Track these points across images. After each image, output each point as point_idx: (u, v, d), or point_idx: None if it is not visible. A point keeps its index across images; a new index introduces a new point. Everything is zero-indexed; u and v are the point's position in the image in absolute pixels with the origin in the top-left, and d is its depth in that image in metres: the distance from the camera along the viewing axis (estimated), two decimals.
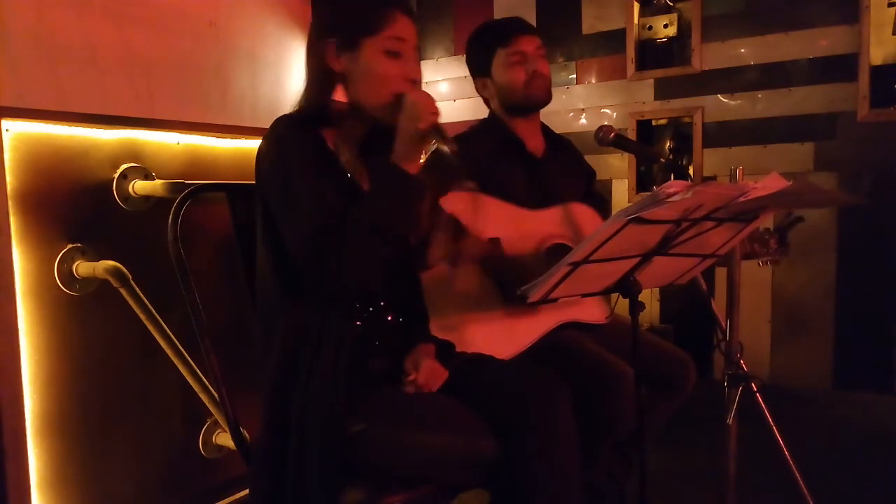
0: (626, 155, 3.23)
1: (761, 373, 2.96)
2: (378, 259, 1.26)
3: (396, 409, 1.28)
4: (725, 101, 3.06)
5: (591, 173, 2.05)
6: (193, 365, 1.81)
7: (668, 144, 3.29)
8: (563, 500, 1.25)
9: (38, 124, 1.65)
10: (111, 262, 1.72)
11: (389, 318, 1.38)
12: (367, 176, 1.36)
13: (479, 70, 1.88)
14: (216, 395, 1.69)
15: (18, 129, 1.62)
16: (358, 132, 1.39)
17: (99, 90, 1.80)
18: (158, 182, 1.83)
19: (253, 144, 2.18)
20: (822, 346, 2.90)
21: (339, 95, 1.39)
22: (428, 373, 1.34)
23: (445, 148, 1.23)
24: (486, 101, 1.93)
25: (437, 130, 1.24)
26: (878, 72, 2.74)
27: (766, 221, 1.64)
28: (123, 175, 1.81)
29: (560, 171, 1.89)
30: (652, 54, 3.26)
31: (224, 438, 2.01)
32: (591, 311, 1.76)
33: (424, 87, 1.39)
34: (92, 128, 1.76)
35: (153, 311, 1.76)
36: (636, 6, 3.25)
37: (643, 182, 3.31)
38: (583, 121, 3.40)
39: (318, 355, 1.24)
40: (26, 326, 1.64)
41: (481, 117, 1.95)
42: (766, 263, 1.74)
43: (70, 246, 1.71)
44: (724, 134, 3.07)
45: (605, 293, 1.36)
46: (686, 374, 1.74)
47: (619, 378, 1.53)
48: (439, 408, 1.30)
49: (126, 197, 1.81)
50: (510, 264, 1.65)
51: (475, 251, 1.58)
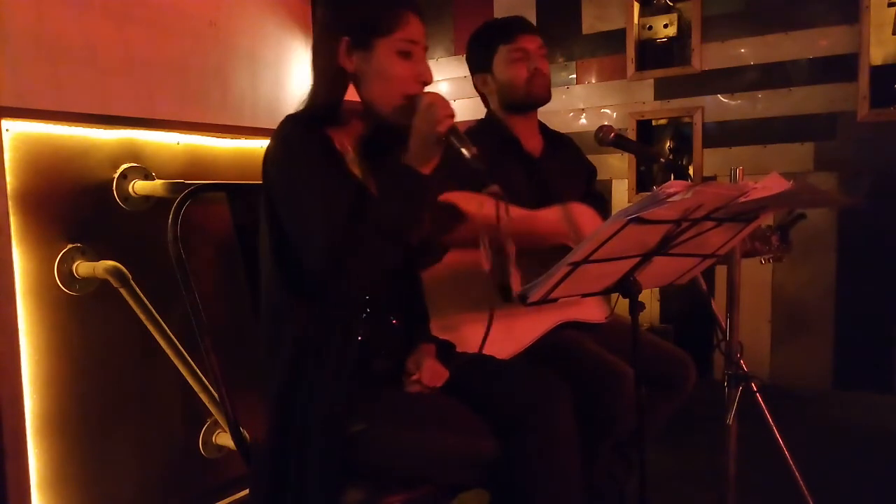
0: (626, 155, 3.22)
1: (761, 373, 2.96)
2: (391, 263, 1.25)
3: (397, 410, 1.28)
4: (725, 101, 3.06)
5: (591, 171, 2.04)
6: (193, 365, 1.81)
7: (668, 144, 3.28)
8: (563, 500, 1.25)
9: (38, 124, 1.65)
10: (111, 262, 1.72)
11: (394, 322, 1.39)
12: (374, 176, 1.36)
13: (481, 66, 1.87)
14: (216, 395, 1.69)
15: (18, 129, 1.62)
16: (363, 131, 1.38)
17: (99, 90, 1.80)
18: (158, 182, 1.83)
19: (253, 144, 2.18)
20: (822, 346, 2.90)
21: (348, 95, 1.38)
22: (430, 373, 1.34)
23: (466, 152, 1.22)
24: (485, 99, 1.92)
25: (455, 133, 1.23)
26: (878, 72, 2.74)
27: (768, 219, 1.63)
28: (123, 175, 1.81)
29: (559, 171, 1.88)
30: (652, 54, 3.26)
31: (224, 438, 2.01)
32: (591, 311, 1.76)
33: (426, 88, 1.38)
34: (92, 128, 1.76)
35: (153, 311, 1.76)
36: (636, 6, 3.25)
37: (643, 182, 3.30)
38: (583, 121, 3.39)
39: (322, 356, 1.24)
40: (26, 326, 1.64)
41: (480, 117, 1.95)
42: (768, 261, 1.73)
43: (70, 246, 1.71)
44: (724, 134, 3.07)
45: (605, 293, 1.35)
46: (686, 374, 1.75)
47: (619, 378, 1.53)
48: (439, 408, 1.30)
49: (126, 197, 1.82)
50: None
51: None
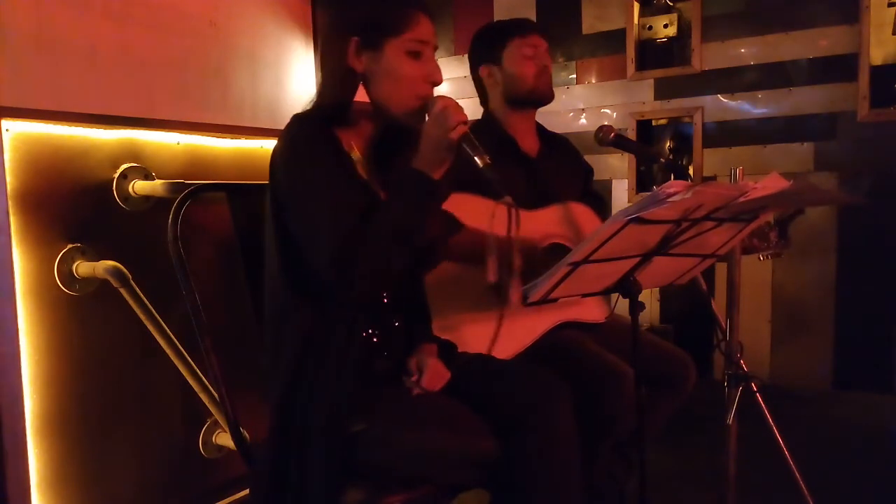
0: (626, 155, 3.22)
1: (761, 373, 2.96)
2: (397, 266, 1.25)
3: (397, 410, 1.28)
4: (725, 101, 3.05)
5: (588, 171, 2.04)
6: (193, 365, 1.81)
7: (668, 144, 3.28)
8: (563, 500, 1.25)
9: (38, 124, 1.65)
10: (111, 262, 1.72)
11: (397, 324, 1.38)
12: (381, 177, 1.36)
13: (489, 57, 1.86)
14: (216, 395, 1.68)
15: (18, 129, 1.62)
16: (372, 132, 1.38)
17: (99, 90, 1.80)
18: (158, 182, 1.83)
19: (253, 144, 2.18)
20: (822, 346, 2.90)
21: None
22: (431, 373, 1.34)
23: (479, 161, 1.19)
24: (483, 96, 1.92)
25: (468, 141, 1.21)
26: (878, 72, 2.74)
27: (766, 215, 1.63)
28: (123, 175, 1.81)
29: (556, 171, 1.89)
30: (652, 54, 3.26)
31: (224, 438, 2.01)
32: (591, 311, 1.76)
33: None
34: (92, 128, 1.76)
35: (153, 311, 1.76)
36: (636, 6, 3.25)
37: (643, 182, 3.30)
38: (583, 121, 3.39)
39: (324, 356, 1.24)
40: (26, 326, 1.64)
41: (477, 118, 1.94)
42: (767, 257, 1.73)
43: (70, 246, 1.71)
44: (724, 134, 3.07)
45: (605, 293, 1.35)
46: (686, 373, 1.75)
47: (619, 378, 1.53)
48: (440, 408, 1.30)
49: (126, 197, 1.81)
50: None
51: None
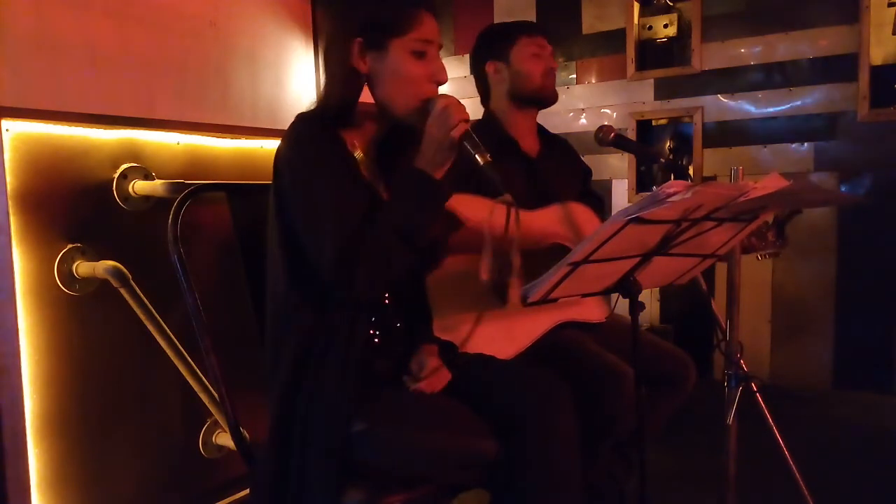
0: (626, 155, 3.22)
1: (761, 373, 2.96)
2: (400, 266, 1.25)
3: (397, 410, 1.28)
4: (725, 101, 3.05)
5: (587, 171, 2.05)
6: (193, 365, 1.81)
7: (668, 144, 3.28)
8: (563, 499, 1.25)
9: (38, 124, 1.65)
10: (111, 262, 1.72)
11: (398, 325, 1.38)
12: (385, 178, 1.35)
13: (495, 54, 1.85)
14: (216, 395, 1.69)
15: (18, 129, 1.62)
16: (376, 132, 1.38)
17: (99, 90, 1.80)
18: (158, 182, 1.83)
19: (253, 144, 2.18)
20: (822, 346, 2.90)
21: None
22: (432, 373, 1.34)
23: (479, 160, 1.19)
24: (486, 92, 1.91)
25: (469, 139, 1.21)
26: (878, 72, 2.74)
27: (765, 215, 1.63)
28: (123, 175, 1.81)
29: (556, 171, 1.89)
30: (652, 54, 3.26)
31: (224, 438, 2.01)
32: (591, 311, 1.76)
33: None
34: (92, 128, 1.76)
35: (153, 311, 1.76)
36: (636, 6, 3.25)
37: (643, 182, 3.30)
38: (583, 121, 3.39)
39: (325, 356, 1.24)
40: (26, 326, 1.64)
41: (478, 118, 1.94)
42: (766, 257, 1.73)
43: (70, 246, 1.71)
44: (724, 134, 3.07)
45: (605, 293, 1.35)
46: (686, 373, 1.75)
47: (619, 378, 1.53)
48: (440, 408, 1.30)
49: (126, 197, 1.81)
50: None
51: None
